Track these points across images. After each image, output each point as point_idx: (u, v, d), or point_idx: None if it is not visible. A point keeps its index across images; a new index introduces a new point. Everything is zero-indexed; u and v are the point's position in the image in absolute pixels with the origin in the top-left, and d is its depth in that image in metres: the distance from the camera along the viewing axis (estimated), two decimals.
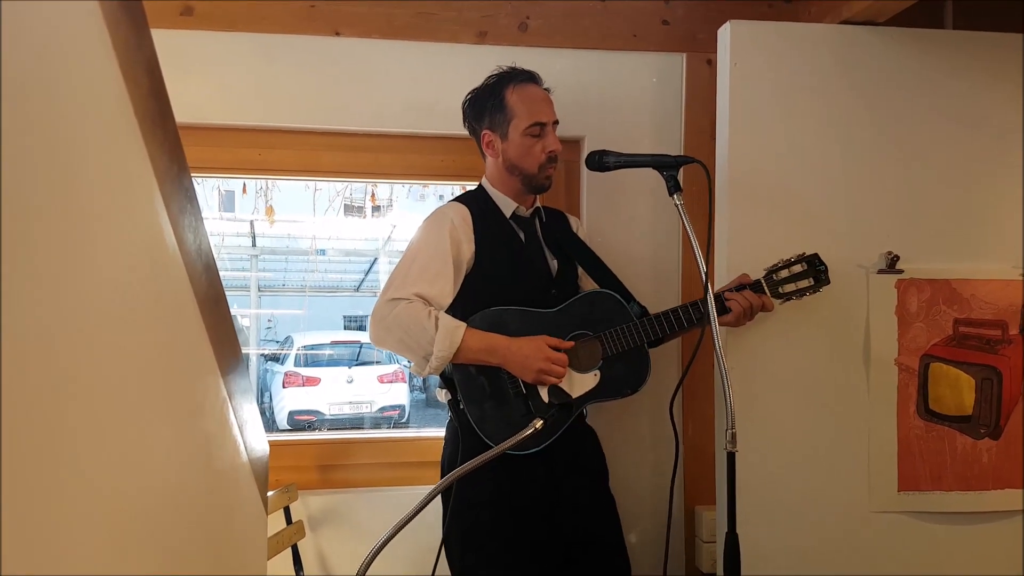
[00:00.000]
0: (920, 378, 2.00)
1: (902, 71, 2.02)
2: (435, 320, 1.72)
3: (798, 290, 1.86)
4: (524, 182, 1.91)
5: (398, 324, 1.74)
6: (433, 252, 1.82)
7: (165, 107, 0.93)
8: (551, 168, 1.90)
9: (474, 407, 1.79)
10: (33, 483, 0.64)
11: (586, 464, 1.94)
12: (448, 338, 1.71)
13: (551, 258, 1.95)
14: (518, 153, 1.87)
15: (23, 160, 0.63)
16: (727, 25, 2.00)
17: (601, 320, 1.85)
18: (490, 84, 1.91)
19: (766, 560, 1.93)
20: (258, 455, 1.48)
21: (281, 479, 2.22)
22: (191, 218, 0.99)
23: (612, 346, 1.83)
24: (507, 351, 1.76)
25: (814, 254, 1.87)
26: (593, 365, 1.84)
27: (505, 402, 1.80)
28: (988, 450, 2.01)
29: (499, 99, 1.88)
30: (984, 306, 2.01)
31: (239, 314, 9.72)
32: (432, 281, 1.79)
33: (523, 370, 1.77)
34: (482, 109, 1.91)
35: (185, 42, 2.11)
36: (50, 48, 0.71)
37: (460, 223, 1.85)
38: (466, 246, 1.84)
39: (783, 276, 1.86)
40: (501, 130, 1.88)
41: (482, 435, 1.77)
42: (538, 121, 1.86)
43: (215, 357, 1.14)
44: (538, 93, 1.90)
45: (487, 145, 1.92)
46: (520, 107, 1.86)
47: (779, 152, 2.00)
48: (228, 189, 7.21)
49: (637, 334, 1.82)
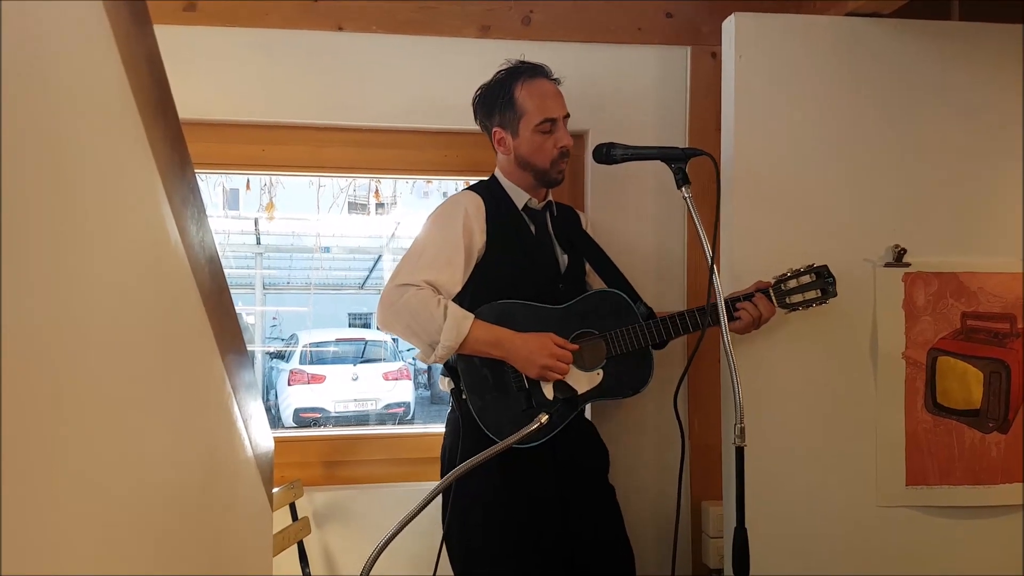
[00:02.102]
0: (928, 372, 1.98)
1: (908, 63, 2.00)
2: (444, 309, 1.73)
3: (805, 301, 1.85)
4: (537, 177, 1.90)
5: (407, 310, 1.74)
6: (445, 240, 1.82)
7: (167, 98, 0.93)
8: (563, 163, 1.89)
9: (476, 397, 1.80)
10: (33, 479, 0.64)
11: (586, 458, 1.94)
12: (456, 328, 1.72)
13: (561, 252, 1.95)
14: (530, 150, 1.87)
15: (24, 151, 0.62)
16: (732, 18, 1.98)
17: (607, 320, 1.85)
18: (499, 80, 1.90)
19: (773, 555, 1.92)
20: (263, 451, 1.48)
21: (287, 475, 2.22)
22: (194, 210, 0.98)
23: (616, 346, 1.83)
24: (512, 345, 1.77)
25: (823, 265, 1.86)
26: (596, 364, 1.84)
27: (507, 395, 1.80)
28: (997, 444, 1.99)
29: (508, 96, 1.87)
30: (992, 299, 2.00)
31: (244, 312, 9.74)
32: (443, 269, 1.79)
33: (527, 365, 1.77)
34: (492, 107, 1.90)
35: (188, 38, 2.11)
36: (52, 40, 0.70)
37: (474, 212, 1.85)
38: (478, 235, 1.84)
39: (791, 286, 1.85)
40: (512, 127, 1.88)
41: (482, 426, 1.78)
42: (549, 117, 1.85)
43: (219, 351, 1.13)
44: (548, 87, 1.89)
45: (499, 142, 1.91)
46: (530, 104, 1.85)
47: (784, 145, 1.99)
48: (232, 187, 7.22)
49: (642, 336, 1.82)
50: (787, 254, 1.89)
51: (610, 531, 1.91)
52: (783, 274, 1.86)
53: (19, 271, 0.61)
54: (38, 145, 0.66)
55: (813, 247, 1.92)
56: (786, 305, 1.85)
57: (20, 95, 0.62)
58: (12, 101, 0.60)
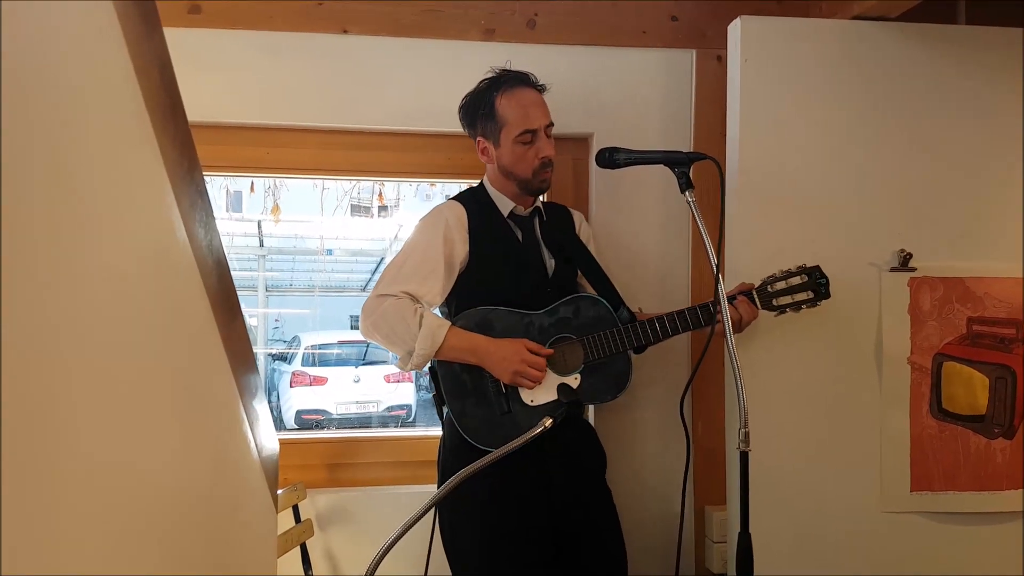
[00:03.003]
0: (933, 377, 1.98)
1: (914, 67, 2.00)
2: (419, 318, 1.77)
3: (795, 303, 1.83)
4: (520, 186, 1.92)
5: (384, 320, 1.79)
6: (426, 252, 1.85)
7: (176, 101, 0.93)
8: (546, 172, 1.90)
9: (456, 402, 1.84)
10: (36, 479, 0.64)
11: (582, 459, 1.95)
12: (430, 337, 1.76)
13: (548, 257, 1.96)
14: (511, 160, 1.88)
15: (34, 153, 0.63)
16: (737, 21, 1.98)
17: (586, 324, 1.87)
18: (480, 90, 1.91)
19: (777, 560, 1.92)
20: (268, 453, 1.48)
21: (289, 477, 2.22)
22: (202, 213, 0.98)
23: (594, 351, 1.84)
24: (486, 352, 1.80)
25: (815, 266, 1.84)
26: (575, 368, 1.85)
27: (485, 399, 1.84)
28: (1002, 450, 1.99)
29: (489, 107, 1.88)
30: (998, 304, 1.99)
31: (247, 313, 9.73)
32: (422, 281, 1.83)
33: (501, 371, 1.80)
34: (474, 116, 1.92)
35: (193, 40, 2.11)
36: (62, 42, 0.70)
37: (455, 223, 1.87)
38: (460, 246, 1.87)
39: (779, 288, 1.83)
40: (493, 137, 1.89)
41: (461, 429, 1.82)
42: (529, 128, 1.85)
43: (226, 353, 1.13)
44: (529, 97, 1.88)
45: (482, 152, 1.94)
46: (510, 114, 1.86)
47: (790, 149, 1.99)
48: (236, 189, 7.23)
49: (620, 340, 1.84)
50: (792, 258, 1.88)
51: (603, 531, 1.91)
52: (771, 275, 1.84)
53: (28, 273, 0.61)
54: (48, 147, 0.66)
55: (818, 251, 1.92)
56: (772, 307, 1.83)
57: (30, 97, 0.62)
58: (23, 103, 0.60)
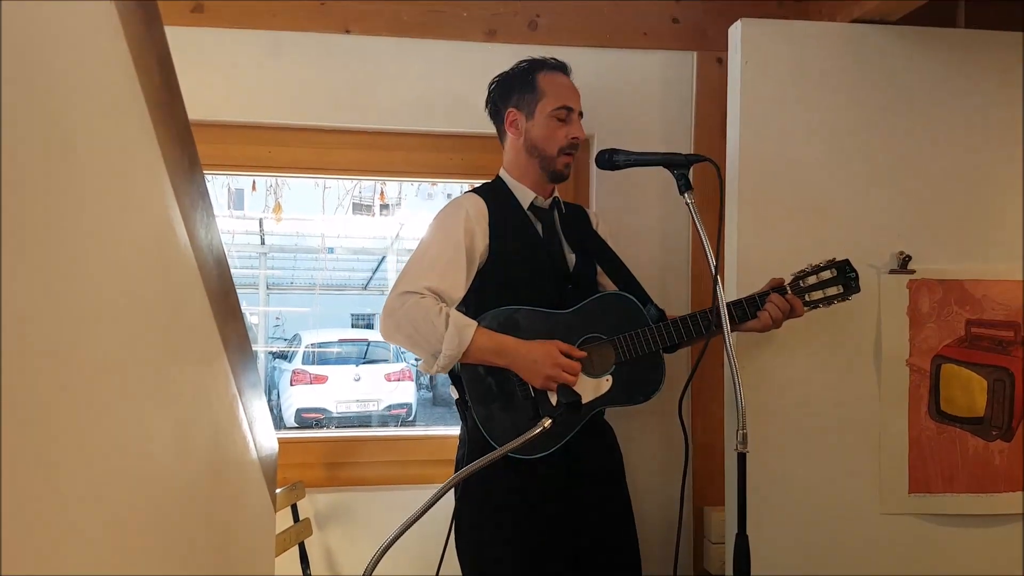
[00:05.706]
0: (932, 379, 1.98)
1: (913, 70, 2.00)
2: (445, 317, 1.68)
3: (826, 298, 1.79)
4: (542, 165, 1.87)
5: (408, 319, 1.70)
6: (446, 244, 1.78)
7: (177, 99, 0.93)
8: (569, 156, 1.87)
9: (481, 407, 1.75)
10: (36, 478, 0.64)
11: (602, 466, 1.90)
12: (458, 336, 1.67)
13: (569, 252, 1.91)
14: (542, 133, 1.85)
15: (34, 150, 0.63)
16: (738, 23, 1.99)
17: (616, 323, 1.79)
18: (522, 67, 1.91)
19: (775, 561, 1.92)
20: (267, 452, 1.48)
21: (288, 476, 2.22)
22: (202, 212, 0.98)
23: (626, 351, 1.77)
24: (516, 354, 1.72)
25: (845, 260, 1.81)
26: (606, 370, 1.78)
27: (512, 404, 1.74)
28: (1000, 452, 1.99)
29: (531, 80, 1.88)
30: (996, 307, 1.99)
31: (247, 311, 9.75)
32: (444, 274, 1.75)
33: (532, 375, 1.72)
34: (510, 88, 1.90)
35: (195, 39, 2.12)
36: (62, 40, 0.71)
37: (475, 215, 1.81)
38: (480, 239, 1.80)
39: (811, 283, 1.79)
40: (528, 109, 1.87)
41: (487, 436, 1.73)
42: (566, 105, 1.85)
43: (225, 352, 1.14)
44: (568, 82, 1.91)
45: (510, 124, 1.89)
46: (550, 89, 1.86)
47: (790, 151, 1.99)
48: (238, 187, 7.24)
49: (652, 340, 1.76)
50: (791, 259, 1.88)
51: (619, 538, 1.88)
52: (802, 270, 1.81)
53: (28, 270, 0.61)
54: (48, 145, 0.66)
55: (817, 252, 1.91)
56: (805, 303, 1.79)
57: (30, 95, 0.62)
58: (22, 100, 0.60)
